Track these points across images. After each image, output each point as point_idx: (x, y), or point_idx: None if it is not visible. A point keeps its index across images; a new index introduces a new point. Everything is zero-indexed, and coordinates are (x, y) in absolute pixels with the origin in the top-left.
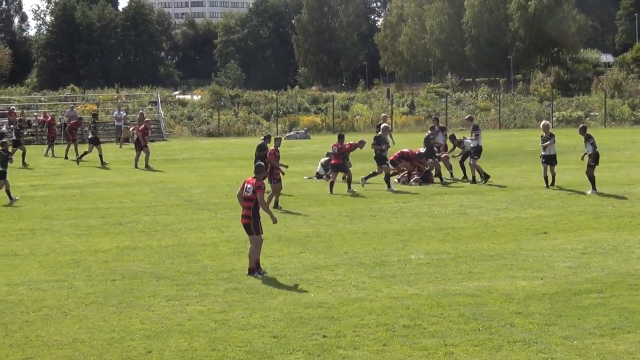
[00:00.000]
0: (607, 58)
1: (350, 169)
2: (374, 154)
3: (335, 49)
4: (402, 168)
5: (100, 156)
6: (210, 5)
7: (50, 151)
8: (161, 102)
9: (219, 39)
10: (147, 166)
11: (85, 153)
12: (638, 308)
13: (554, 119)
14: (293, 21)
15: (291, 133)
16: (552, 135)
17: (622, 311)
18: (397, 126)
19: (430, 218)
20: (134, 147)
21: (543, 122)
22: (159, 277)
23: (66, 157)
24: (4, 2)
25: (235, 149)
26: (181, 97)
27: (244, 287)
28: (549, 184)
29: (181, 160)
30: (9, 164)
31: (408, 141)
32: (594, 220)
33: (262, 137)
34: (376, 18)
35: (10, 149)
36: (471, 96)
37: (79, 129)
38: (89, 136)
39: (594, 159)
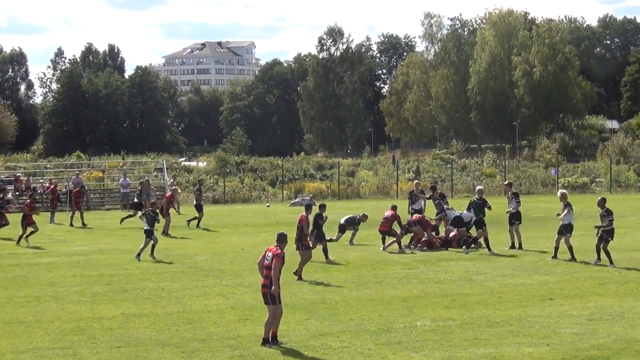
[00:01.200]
0: (612, 124)
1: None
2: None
3: (340, 115)
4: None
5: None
6: (216, 72)
7: (53, 218)
8: (167, 168)
9: (225, 106)
10: (166, 233)
11: (130, 216)
12: None
13: (560, 184)
14: (299, 88)
15: (297, 200)
16: (567, 205)
17: None
18: (402, 192)
19: (436, 284)
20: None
21: (560, 191)
22: (164, 344)
23: (71, 224)
24: (10, 70)
25: (241, 215)
26: (187, 163)
27: (249, 354)
28: (556, 255)
29: (184, 226)
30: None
31: None
32: (600, 286)
33: (319, 206)
34: (381, 85)
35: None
36: (477, 162)
37: (84, 196)
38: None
39: (611, 234)
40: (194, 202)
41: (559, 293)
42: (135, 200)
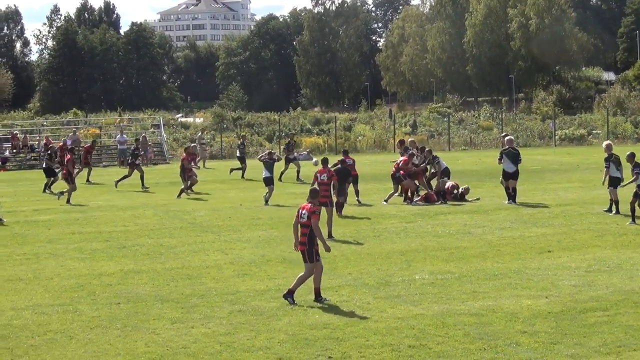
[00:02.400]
0: (609, 76)
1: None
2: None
3: (337, 70)
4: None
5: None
6: (211, 28)
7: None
8: (163, 125)
9: (221, 61)
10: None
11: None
12: None
13: (557, 137)
14: (294, 43)
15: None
16: (609, 157)
17: (628, 329)
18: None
19: (434, 238)
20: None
21: (605, 142)
22: (164, 300)
23: (88, 181)
24: (5, 27)
25: (239, 171)
26: (183, 119)
27: (248, 309)
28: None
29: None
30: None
31: None
32: (598, 238)
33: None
34: (377, 39)
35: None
36: (473, 115)
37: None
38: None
39: None
40: (237, 155)
41: (557, 245)
42: (129, 160)
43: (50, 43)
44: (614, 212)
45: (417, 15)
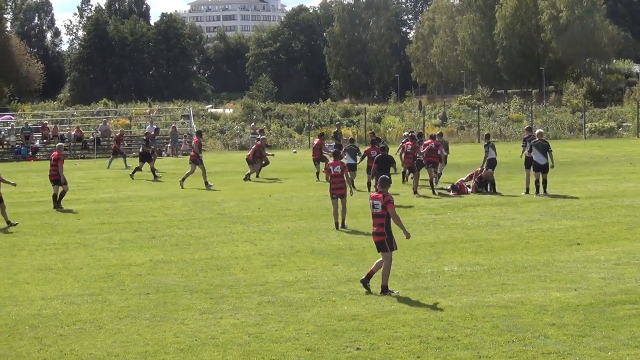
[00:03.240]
0: (639, 68)
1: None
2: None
3: (367, 61)
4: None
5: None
6: (242, 19)
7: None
8: (193, 115)
9: (251, 52)
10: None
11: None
12: None
13: (587, 129)
14: (325, 34)
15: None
16: None
17: None
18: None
19: (463, 230)
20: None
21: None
22: (192, 290)
23: (126, 166)
24: (36, 18)
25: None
26: (213, 110)
27: (277, 300)
28: None
29: (214, 173)
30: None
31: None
32: (627, 231)
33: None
34: (407, 30)
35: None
36: (503, 107)
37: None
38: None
39: None
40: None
41: (586, 238)
42: (140, 150)
43: (80, 33)
44: None
45: (447, 6)
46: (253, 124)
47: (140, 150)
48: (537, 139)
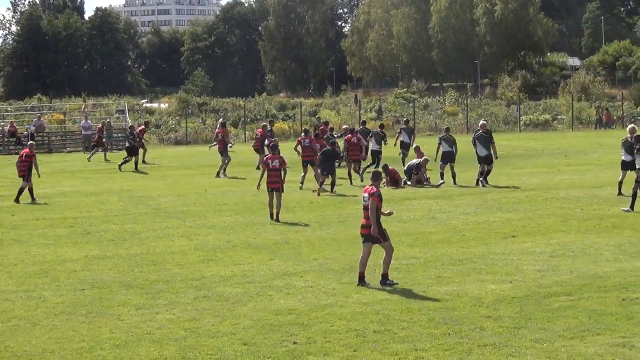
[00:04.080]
0: (573, 61)
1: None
2: None
3: (302, 55)
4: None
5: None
6: (177, 13)
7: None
8: (128, 110)
9: (186, 47)
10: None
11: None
12: (607, 310)
13: (522, 122)
14: (260, 28)
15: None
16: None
17: (591, 313)
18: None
19: (399, 223)
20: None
21: (630, 125)
22: (128, 286)
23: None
24: None
25: (204, 156)
26: (148, 105)
27: (213, 294)
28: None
29: (149, 168)
30: None
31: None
32: (562, 223)
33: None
34: (343, 24)
35: None
36: (439, 101)
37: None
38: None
39: None
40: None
41: (522, 230)
42: (127, 144)
43: (14, 28)
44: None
45: (382, 0)
46: (221, 119)
47: (127, 144)
48: (481, 130)
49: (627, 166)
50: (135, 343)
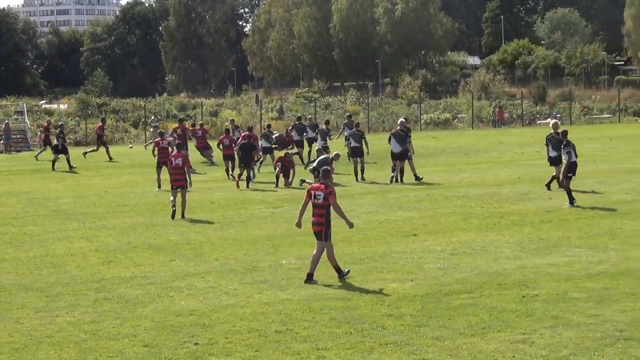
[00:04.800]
0: (474, 60)
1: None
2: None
3: (203, 55)
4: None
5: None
6: (76, 13)
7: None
8: (27, 111)
9: (86, 47)
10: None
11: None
12: (507, 307)
13: (422, 121)
14: (160, 28)
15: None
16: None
17: (492, 310)
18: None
19: None
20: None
21: (553, 121)
22: (27, 288)
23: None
24: None
25: (104, 157)
26: (47, 106)
27: (114, 296)
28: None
29: (48, 170)
30: None
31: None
32: (462, 221)
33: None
34: (244, 24)
35: None
36: (340, 100)
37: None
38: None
39: (571, 169)
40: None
41: (423, 229)
42: (56, 142)
43: None
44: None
45: (283, 0)
46: (152, 117)
47: (56, 142)
48: (398, 128)
49: (555, 162)
50: (35, 346)
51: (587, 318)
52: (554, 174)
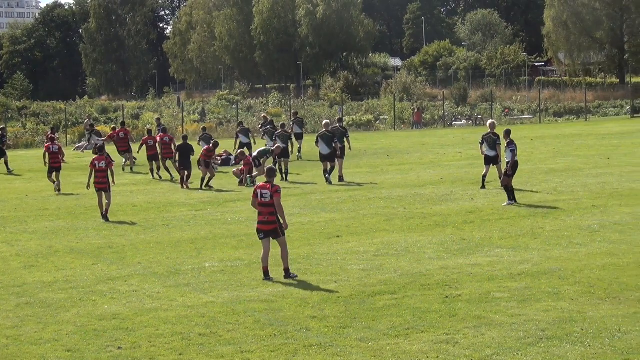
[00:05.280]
0: (395, 62)
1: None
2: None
3: (124, 57)
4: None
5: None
6: None
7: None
8: None
9: (5, 50)
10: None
11: None
12: (431, 308)
13: (344, 123)
14: (81, 30)
15: (81, 144)
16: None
17: (415, 311)
18: (189, 134)
19: (224, 225)
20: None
21: (490, 120)
22: None
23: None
24: None
25: (24, 161)
26: None
27: (36, 301)
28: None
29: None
30: None
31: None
32: (385, 222)
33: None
34: (165, 26)
35: None
36: (262, 102)
37: None
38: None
39: (513, 167)
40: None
41: (346, 230)
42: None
43: None
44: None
45: (204, 2)
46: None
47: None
48: (324, 129)
49: (490, 161)
50: None
51: (510, 318)
52: (484, 172)
